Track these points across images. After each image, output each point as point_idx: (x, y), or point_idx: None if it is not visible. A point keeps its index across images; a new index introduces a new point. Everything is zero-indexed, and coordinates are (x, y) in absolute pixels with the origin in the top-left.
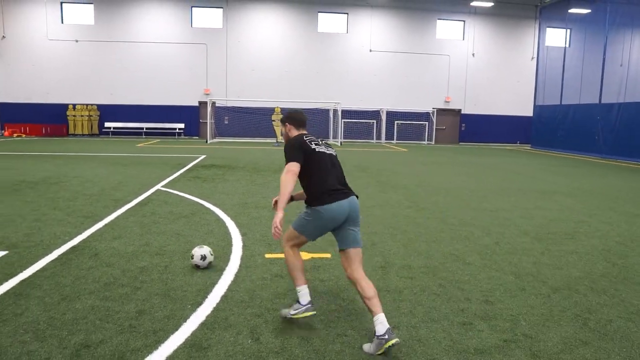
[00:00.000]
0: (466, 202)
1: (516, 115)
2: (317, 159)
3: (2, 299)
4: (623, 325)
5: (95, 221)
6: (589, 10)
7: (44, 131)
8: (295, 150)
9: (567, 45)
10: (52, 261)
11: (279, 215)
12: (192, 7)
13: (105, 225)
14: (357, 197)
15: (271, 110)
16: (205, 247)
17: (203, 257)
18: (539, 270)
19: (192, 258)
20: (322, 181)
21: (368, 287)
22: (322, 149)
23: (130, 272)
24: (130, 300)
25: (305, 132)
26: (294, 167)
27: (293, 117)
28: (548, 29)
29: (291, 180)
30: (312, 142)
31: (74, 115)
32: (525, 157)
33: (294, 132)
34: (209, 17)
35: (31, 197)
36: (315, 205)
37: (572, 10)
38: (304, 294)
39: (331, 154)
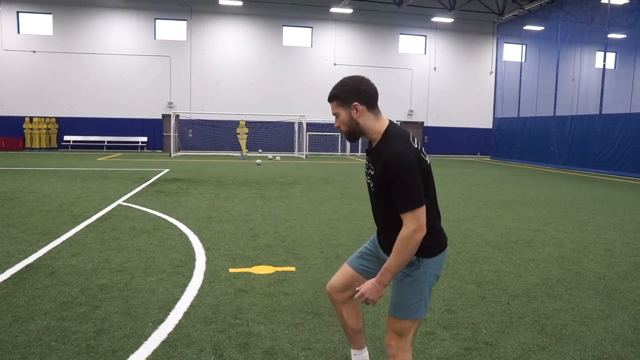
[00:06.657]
0: None
1: (477, 127)
2: (432, 178)
3: None
4: (577, 329)
5: (52, 238)
6: (542, 28)
7: None
8: (418, 174)
9: (523, 60)
10: (4, 281)
11: (382, 291)
12: (155, 19)
13: (63, 242)
14: None
15: (236, 124)
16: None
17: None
18: (499, 278)
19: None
20: (437, 214)
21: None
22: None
23: (89, 290)
24: (89, 319)
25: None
26: (424, 215)
27: (364, 90)
28: (505, 45)
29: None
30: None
31: (31, 129)
32: (486, 168)
33: (371, 119)
34: (172, 30)
35: None
36: (431, 254)
37: (527, 27)
38: None
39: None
